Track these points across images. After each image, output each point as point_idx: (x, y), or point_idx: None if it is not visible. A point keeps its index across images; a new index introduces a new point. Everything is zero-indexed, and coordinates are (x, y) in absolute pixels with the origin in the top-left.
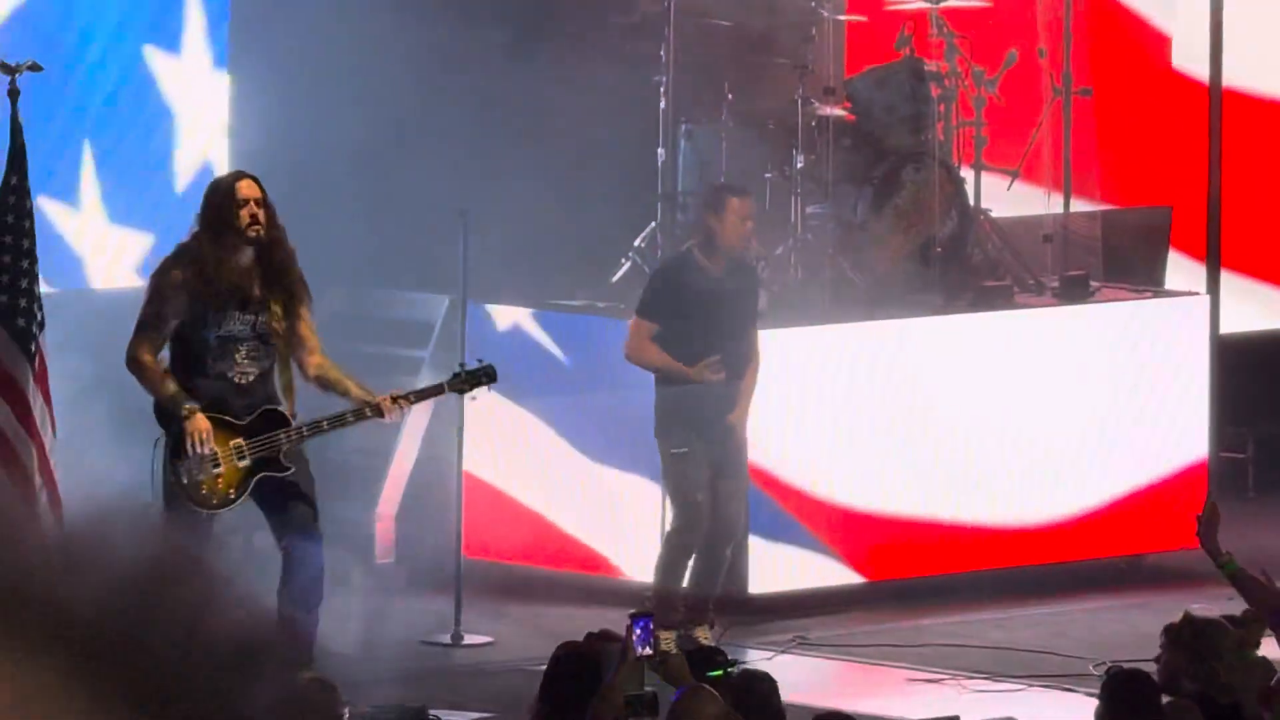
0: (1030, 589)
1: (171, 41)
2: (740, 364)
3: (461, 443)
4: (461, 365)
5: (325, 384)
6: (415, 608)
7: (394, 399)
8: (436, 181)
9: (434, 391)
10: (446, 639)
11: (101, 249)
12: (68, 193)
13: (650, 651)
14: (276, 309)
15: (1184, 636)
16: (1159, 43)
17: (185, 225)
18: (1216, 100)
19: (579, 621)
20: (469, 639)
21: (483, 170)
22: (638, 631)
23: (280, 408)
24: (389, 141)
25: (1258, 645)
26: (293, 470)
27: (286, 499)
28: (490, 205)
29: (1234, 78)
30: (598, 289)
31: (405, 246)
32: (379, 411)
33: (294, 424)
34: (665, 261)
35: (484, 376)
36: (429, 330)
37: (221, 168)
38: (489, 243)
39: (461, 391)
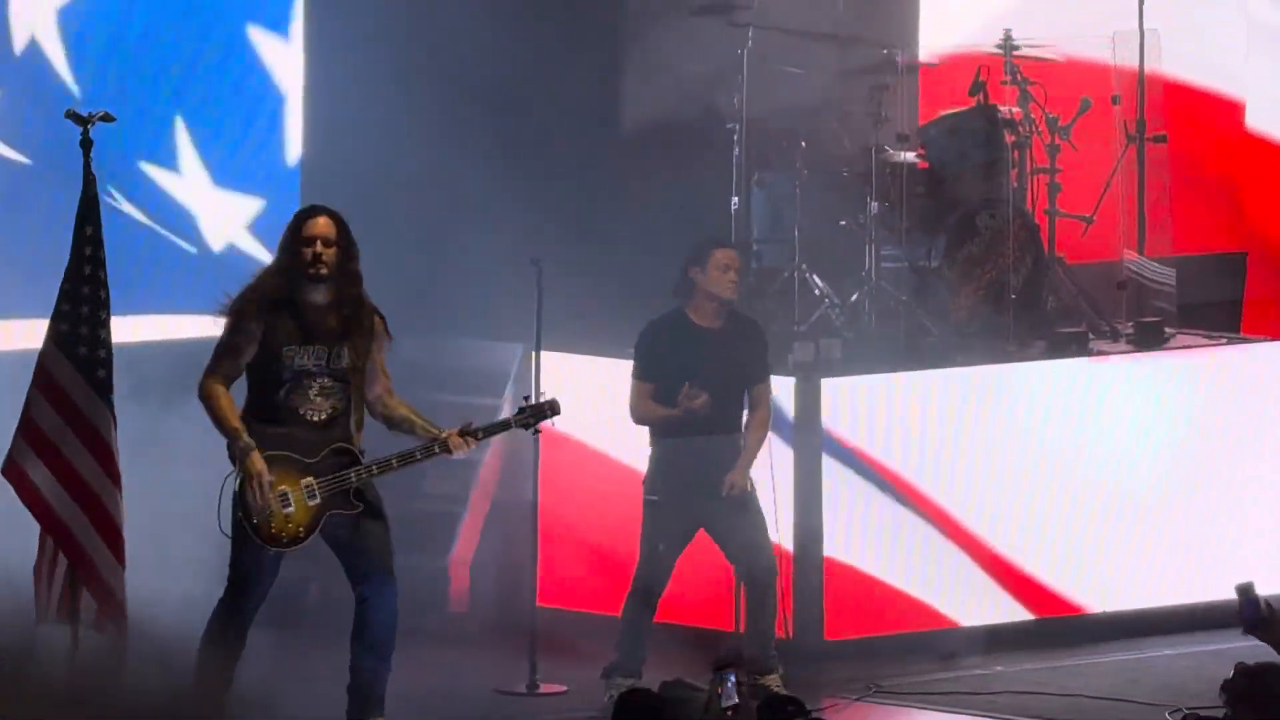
0: (1106, 634)
1: (278, 23)
2: (736, 419)
3: (536, 489)
4: (525, 399)
5: (393, 422)
6: (491, 657)
7: (462, 434)
8: (509, 229)
9: (501, 427)
10: (522, 688)
11: (209, 211)
12: (168, 159)
13: (737, 701)
14: (351, 346)
15: (1240, 690)
16: (1232, 107)
17: (297, 194)
18: None
19: (652, 669)
20: (544, 688)
21: (557, 218)
22: (728, 684)
23: (349, 445)
24: (463, 186)
25: None
26: (361, 509)
27: (362, 545)
28: (564, 254)
29: None
30: None
31: (478, 295)
32: (446, 447)
33: (363, 461)
34: (653, 321)
35: (549, 410)
36: (504, 379)
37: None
38: (563, 291)
39: (527, 426)
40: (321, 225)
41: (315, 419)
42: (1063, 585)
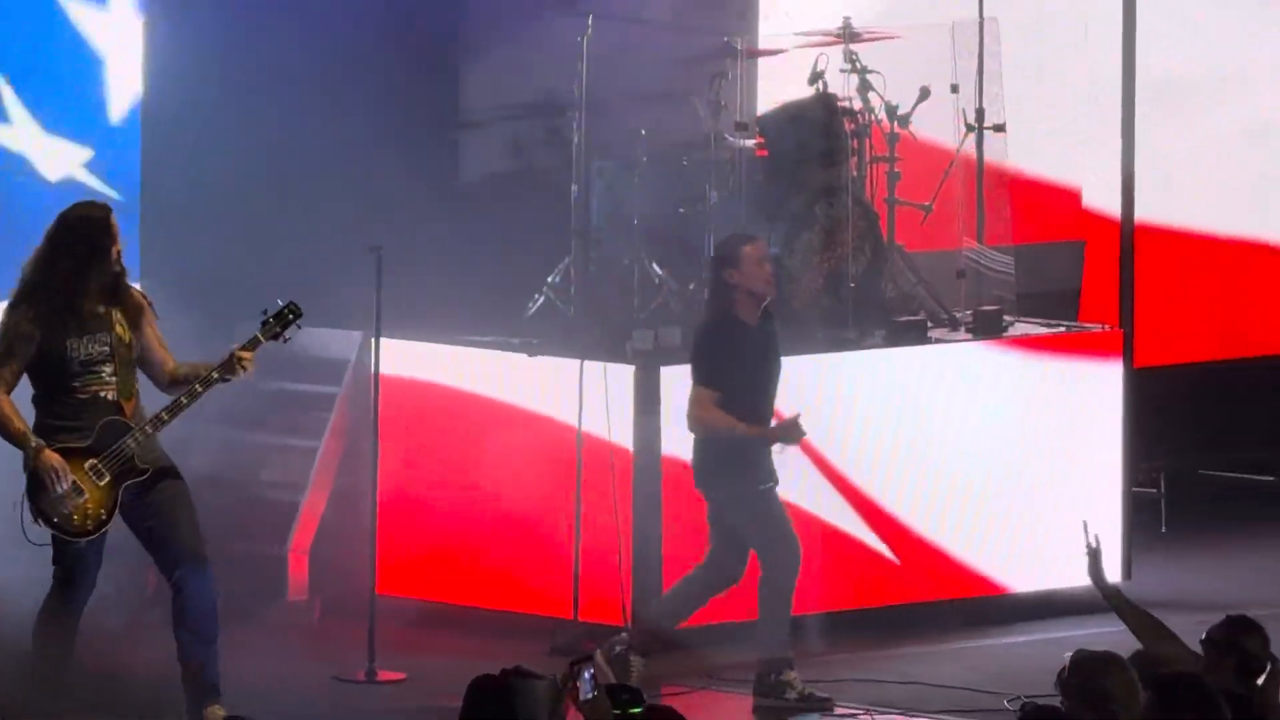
0: (947, 624)
1: None
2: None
3: (375, 478)
4: (264, 312)
5: (178, 381)
6: (330, 645)
7: (233, 357)
8: (346, 216)
9: (254, 344)
10: (361, 676)
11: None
12: None
13: (595, 696)
14: (125, 325)
15: (1073, 682)
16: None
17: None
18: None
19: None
20: (382, 675)
21: (396, 206)
22: (586, 678)
23: (120, 417)
24: (297, 173)
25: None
26: (149, 472)
27: (167, 534)
28: (404, 241)
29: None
30: (511, 325)
31: (317, 283)
32: (230, 368)
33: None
34: (711, 329)
35: (290, 314)
36: (344, 367)
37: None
38: (403, 278)
39: (276, 336)
40: (115, 221)
41: (101, 398)
42: (901, 573)
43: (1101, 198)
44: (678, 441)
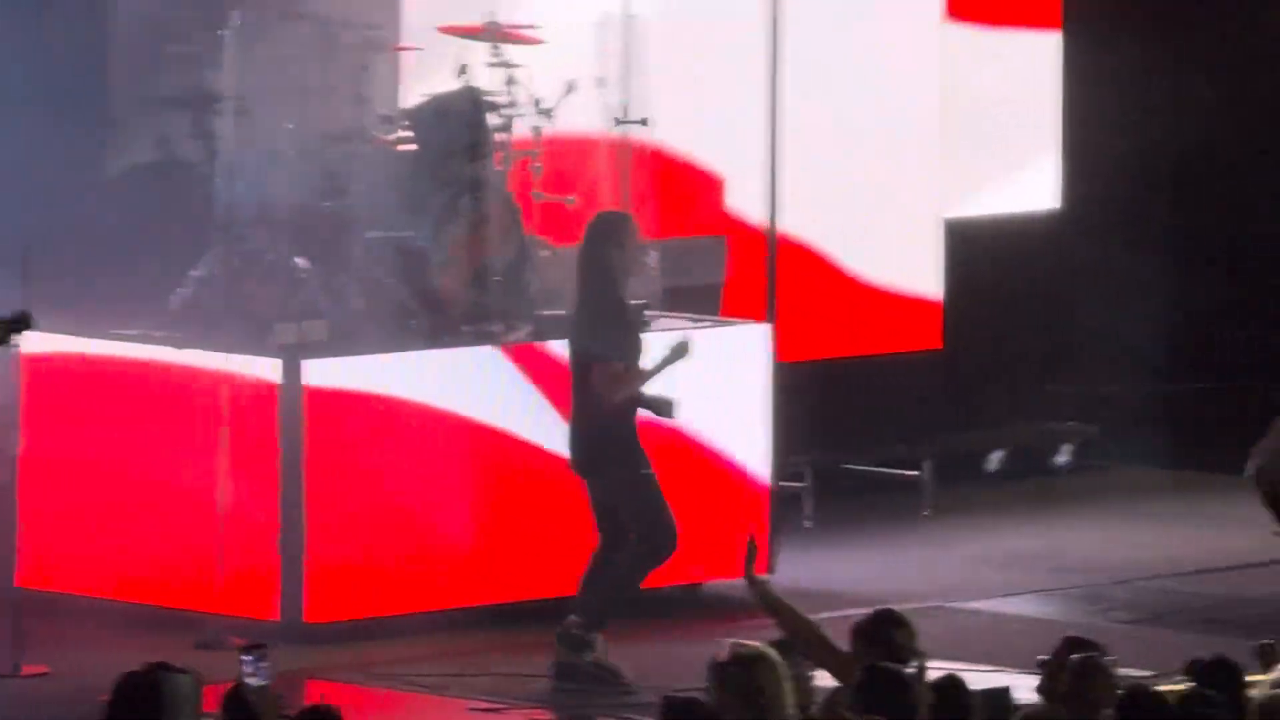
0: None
1: None
2: None
3: (15, 470)
4: None
5: None
6: None
7: None
8: None
9: None
10: (5, 670)
11: None
12: None
13: (266, 682)
14: None
15: (726, 673)
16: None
17: None
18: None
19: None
20: (26, 669)
21: (42, 200)
22: (249, 660)
23: None
24: None
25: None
26: None
27: None
28: (49, 234)
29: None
30: (157, 318)
31: None
32: None
33: None
34: (614, 307)
35: (19, 324)
36: None
37: None
38: (48, 272)
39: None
40: None
41: None
42: (549, 566)
43: (743, 193)
44: (325, 436)
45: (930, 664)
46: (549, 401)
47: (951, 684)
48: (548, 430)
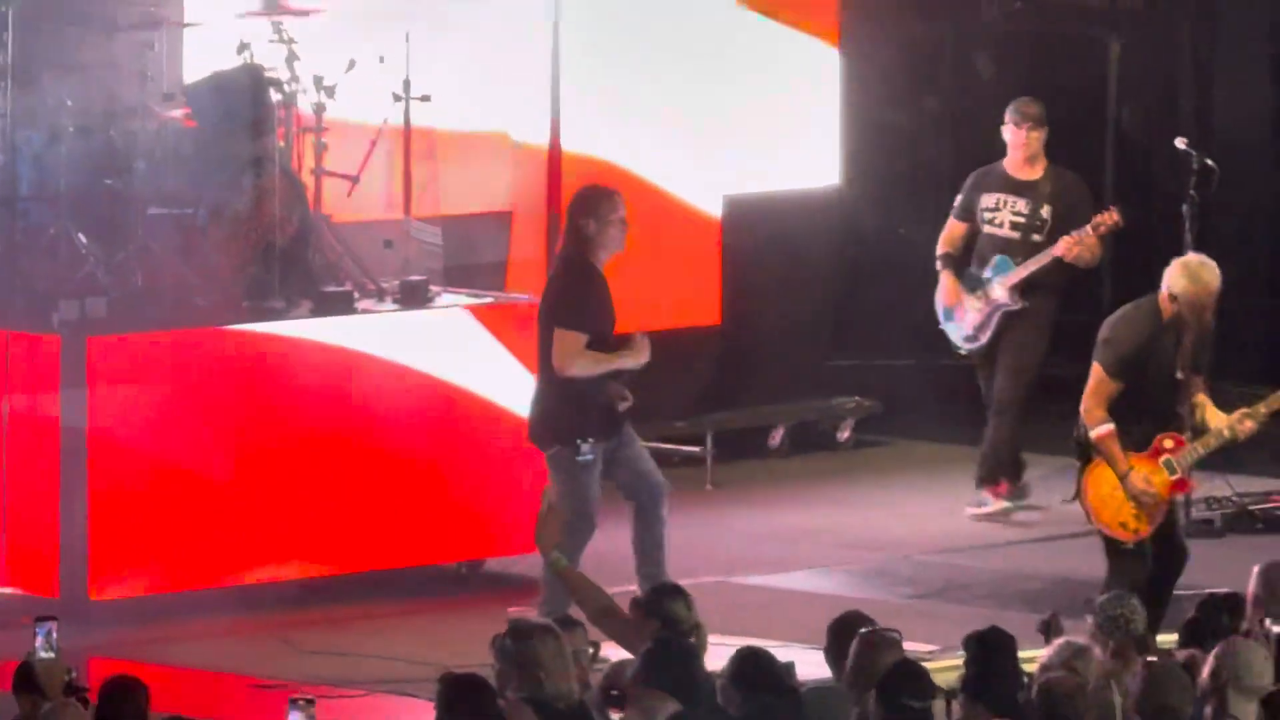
0: (375, 594)
1: None
2: None
3: None
4: None
5: None
6: None
7: None
8: None
9: None
10: None
11: None
12: None
13: (54, 654)
14: None
15: (506, 646)
16: None
17: None
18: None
19: None
20: None
21: None
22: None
23: None
24: None
25: None
26: None
27: None
28: None
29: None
30: None
31: None
32: None
33: None
34: (574, 274)
35: None
36: None
37: None
38: None
39: None
40: None
41: None
42: (332, 542)
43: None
44: (108, 414)
45: (712, 638)
46: (337, 379)
47: (753, 654)
48: (335, 407)
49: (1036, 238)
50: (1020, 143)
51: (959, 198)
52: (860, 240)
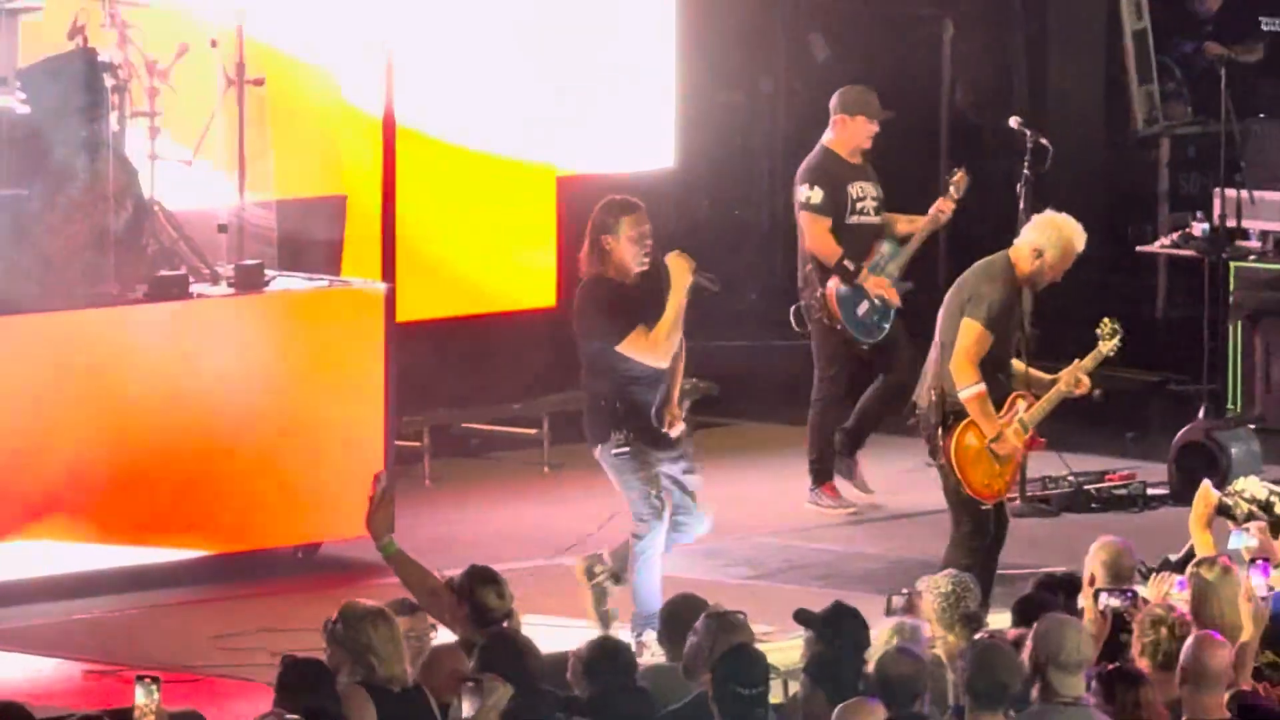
0: (210, 577)
1: None
2: None
3: None
4: None
5: None
6: None
7: None
8: None
9: None
10: None
11: None
12: None
13: None
14: None
15: (337, 631)
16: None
17: None
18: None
19: None
20: None
21: None
22: None
23: None
24: None
25: None
26: None
27: None
28: None
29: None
30: None
31: None
32: None
33: None
34: (606, 292)
35: None
36: None
37: None
38: None
39: None
40: None
41: None
42: (167, 526)
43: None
44: None
45: (540, 620)
46: (172, 364)
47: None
48: (170, 392)
49: (880, 219)
50: (869, 134)
51: (815, 194)
52: (694, 222)
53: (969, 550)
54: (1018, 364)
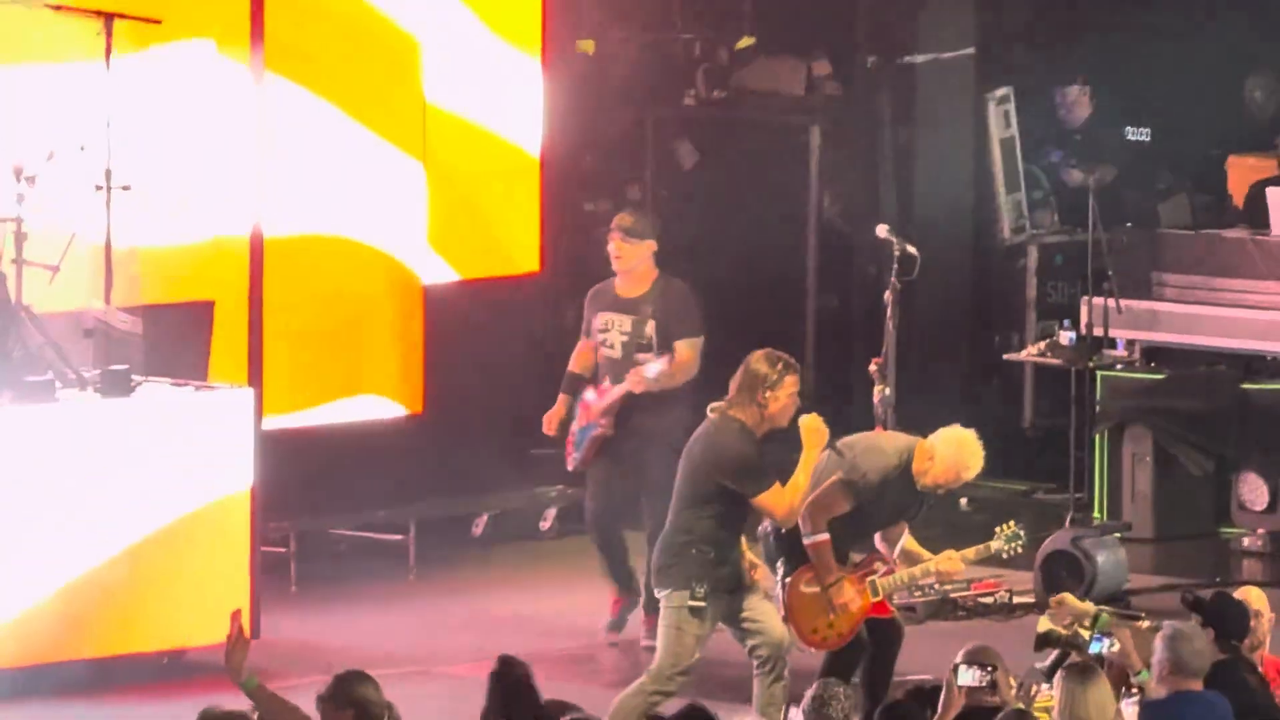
0: (76, 682)
1: None
2: None
3: None
4: None
5: None
6: None
7: None
8: None
9: None
10: None
11: None
12: None
13: None
14: None
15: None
16: None
17: None
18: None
19: None
20: None
21: None
22: None
23: None
24: None
25: None
26: None
27: None
28: None
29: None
30: None
31: None
32: None
33: None
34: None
35: None
36: None
37: None
38: None
39: None
40: None
41: None
42: (34, 631)
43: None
44: None
45: None
46: (37, 466)
47: None
48: (40, 499)
49: (641, 357)
50: (615, 254)
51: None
52: (560, 328)
53: (843, 666)
54: (909, 541)
